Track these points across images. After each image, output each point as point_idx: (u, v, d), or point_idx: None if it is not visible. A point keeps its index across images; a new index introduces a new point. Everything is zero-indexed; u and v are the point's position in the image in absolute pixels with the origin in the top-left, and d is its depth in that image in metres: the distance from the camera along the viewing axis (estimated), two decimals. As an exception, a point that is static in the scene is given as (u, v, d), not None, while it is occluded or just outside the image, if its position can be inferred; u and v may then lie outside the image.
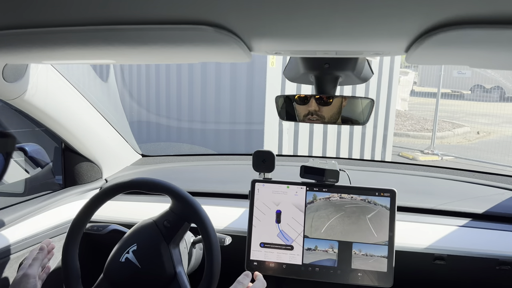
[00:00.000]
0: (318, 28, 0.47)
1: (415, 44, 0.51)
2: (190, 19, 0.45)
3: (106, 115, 1.59)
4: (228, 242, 1.22)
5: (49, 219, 1.35)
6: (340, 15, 0.42)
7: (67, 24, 0.48)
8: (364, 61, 0.97)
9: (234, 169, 1.87)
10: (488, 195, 1.50)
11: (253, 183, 1.31)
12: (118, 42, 0.55)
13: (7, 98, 1.16)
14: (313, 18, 0.43)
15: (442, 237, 1.30)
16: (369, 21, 0.44)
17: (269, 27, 0.47)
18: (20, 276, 1.01)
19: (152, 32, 0.48)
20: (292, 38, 0.54)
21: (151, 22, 0.46)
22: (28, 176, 1.41)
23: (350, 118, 0.95)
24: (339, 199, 1.25)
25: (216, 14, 0.43)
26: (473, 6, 0.38)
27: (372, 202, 1.24)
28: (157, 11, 0.42)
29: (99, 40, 0.54)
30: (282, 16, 0.43)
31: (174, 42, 0.54)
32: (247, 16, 0.43)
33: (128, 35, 0.50)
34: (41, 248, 1.09)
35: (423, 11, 0.40)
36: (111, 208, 1.48)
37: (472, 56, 0.60)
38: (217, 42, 0.52)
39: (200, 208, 1.09)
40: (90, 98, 1.49)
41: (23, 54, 0.72)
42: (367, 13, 0.41)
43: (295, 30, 0.49)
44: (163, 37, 0.52)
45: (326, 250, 1.24)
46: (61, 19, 0.47)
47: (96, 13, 0.44)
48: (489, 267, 1.25)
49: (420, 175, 1.72)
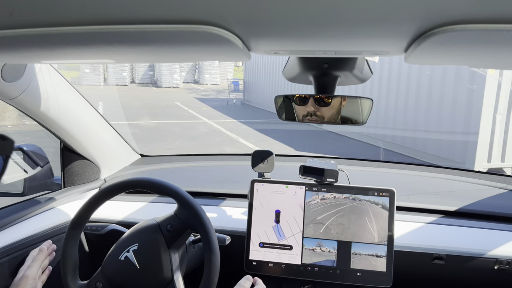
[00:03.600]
0: (317, 28, 0.47)
1: (414, 44, 0.51)
2: (189, 19, 0.45)
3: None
4: (228, 242, 1.23)
5: (48, 219, 1.34)
6: (339, 15, 0.42)
7: (66, 24, 0.48)
8: (364, 61, 0.97)
9: (233, 169, 1.87)
10: (487, 196, 1.50)
11: (252, 183, 1.31)
12: (117, 42, 0.55)
13: (6, 98, 1.16)
14: (312, 18, 0.43)
15: (441, 237, 1.30)
16: (368, 21, 0.44)
17: (268, 26, 0.47)
18: (20, 277, 1.01)
19: (151, 32, 0.48)
20: (291, 38, 0.54)
21: (150, 22, 0.46)
22: (27, 176, 1.41)
23: (349, 118, 0.96)
24: (338, 199, 1.25)
25: (214, 14, 0.43)
26: (472, 6, 0.38)
27: (371, 202, 1.24)
28: (155, 11, 0.42)
29: (98, 40, 0.54)
30: (281, 16, 0.43)
31: (173, 42, 0.54)
32: (246, 15, 0.43)
33: (126, 35, 0.50)
34: (41, 249, 1.09)
35: (422, 11, 0.40)
36: (110, 208, 1.48)
37: (472, 56, 0.60)
38: (215, 42, 0.52)
39: (205, 217, 1.09)
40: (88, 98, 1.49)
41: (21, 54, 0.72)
42: (366, 13, 0.41)
43: (294, 30, 0.49)
44: (161, 37, 0.51)
45: (325, 250, 1.24)
46: (60, 19, 0.47)
47: (94, 13, 0.44)
48: (488, 267, 1.25)
49: (420, 175, 1.72)
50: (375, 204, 1.23)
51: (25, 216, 1.29)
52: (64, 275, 1.11)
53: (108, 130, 1.63)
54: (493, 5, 0.37)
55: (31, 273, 1.02)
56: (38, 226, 1.30)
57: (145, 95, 16.68)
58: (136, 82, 21.57)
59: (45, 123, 1.36)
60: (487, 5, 0.37)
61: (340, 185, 1.27)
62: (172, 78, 20.20)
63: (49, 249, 1.11)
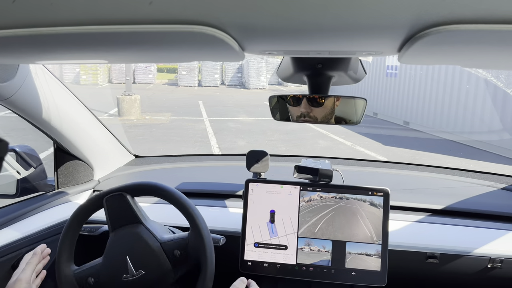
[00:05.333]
0: (310, 28, 0.47)
1: (407, 44, 0.51)
2: (182, 19, 0.44)
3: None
4: (222, 242, 1.22)
5: (42, 220, 1.34)
6: (333, 16, 0.42)
7: (59, 24, 0.47)
8: (357, 61, 0.98)
9: (228, 170, 1.87)
10: (482, 194, 1.51)
11: (247, 183, 1.31)
12: (110, 42, 0.55)
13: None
14: (306, 18, 0.43)
15: (435, 236, 1.30)
16: (362, 22, 0.44)
17: (262, 27, 0.47)
18: (14, 280, 1.00)
19: (144, 32, 0.48)
20: (285, 38, 0.54)
21: (143, 22, 0.46)
22: (20, 177, 1.40)
23: (343, 118, 0.96)
24: (332, 198, 1.26)
25: (208, 14, 0.43)
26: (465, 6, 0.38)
27: (366, 201, 1.24)
28: (148, 11, 0.42)
29: (91, 40, 0.54)
30: (275, 16, 0.43)
31: (166, 42, 0.54)
32: (239, 15, 0.43)
33: (119, 36, 0.50)
34: (35, 252, 1.08)
35: (415, 11, 0.40)
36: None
37: (465, 56, 0.61)
38: (209, 42, 0.51)
39: (199, 217, 1.10)
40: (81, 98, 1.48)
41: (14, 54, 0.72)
42: (359, 13, 0.41)
43: (287, 30, 0.49)
44: (154, 37, 0.51)
45: (320, 249, 1.24)
46: (53, 19, 0.46)
47: (87, 13, 0.44)
48: (481, 265, 1.26)
49: (414, 175, 1.73)
50: (370, 203, 1.24)
51: (18, 217, 1.28)
52: (59, 255, 1.11)
53: (102, 131, 1.62)
54: (486, 5, 0.37)
55: (25, 277, 1.01)
56: (31, 227, 1.29)
57: (236, 96, 17.90)
58: (226, 84, 23.06)
59: (38, 124, 1.35)
60: (480, 5, 0.37)
61: (335, 185, 1.27)
62: (259, 80, 21.34)
63: (43, 253, 1.11)
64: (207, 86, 21.59)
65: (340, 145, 8.53)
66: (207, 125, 10.23)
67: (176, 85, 21.82)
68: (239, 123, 10.64)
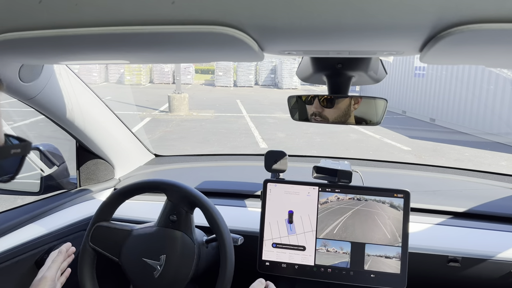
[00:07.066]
0: (330, 28, 0.47)
1: (429, 43, 0.50)
2: (203, 20, 0.45)
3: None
4: (241, 242, 1.23)
5: (64, 218, 1.36)
6: (353, 16, 0.42)
7: (83, 25, 0.48)
8: (378, 61, 0.96)
9: (247, 170, 1.88)
10: (505, 197, 1.48)
11: (265, 183, 1.31)
12: (132, 43, 0.56)
13: (24, 98, 1.18)
14: (326, 17, 0.43)
15: (456, 239, 1.28)
16: (383, 21, 0.43)
17: (281, 27, 0.47)
18: (39, 278, 1.03)
19: (165, 33, 0.49)
20: (304, 38, 0.54)
21: (164, 23, 0.46)
22: (43, 175, 1.44)
23: (363, 118, 0.95)
24: (352, 200, 1.24)
25: (228, 15, 0.43)
26: (489, 5, 0.37)
27: (386, 203, 1.22)
28: (170, 12, 0.43)
29: (113, 41, 0.55)
30: (295, 17, 0.43)
31: (186, 43, 0.55)
32: (259, 16, 0.43)
33: (141, 37, 0.51)
34: (60, 251, 1.11)
35: (438, 10, 0.39)
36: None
37: (489, 55, 0.60)
38: (229, 42, 0.52)
39: (221, 219, 1.13)
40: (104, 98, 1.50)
41: (39, 55, 0.73)
42: (380, 12, 0.40)
43: (307, 30, 0.49)
44: (175, 38, 0.52)
45: (338, 251, 1.23)
46: (76, 21, 0.47)
47: (110, 14, 0.44)
48: (504, 270, 1.23)
49: (435, 176, 1.70)
50: (390, 205, 1.22)
51: (41, 214, 1.31)
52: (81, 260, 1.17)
53: (123, 131, 1.65)
54: (511, 3, 0.36)
55: (50, 275, 1.03)
56: (54, 224, 1.32)
57: (270, 95, 18.74)
58: (260, 84, 23.89)
59: (61, 123, 1.38)
60: (504, 3, 0.36)
61: (354, 186, 1.26)
62: (292, 80, 21.81)
63: (68, 251, 1.13)
64: (241, 86, 22.23)
65: (370, 138, 9.19)
66: (248, 120, 11.31)
67: (212, 85, 22.63)
68: (276, 119, 11.53)
